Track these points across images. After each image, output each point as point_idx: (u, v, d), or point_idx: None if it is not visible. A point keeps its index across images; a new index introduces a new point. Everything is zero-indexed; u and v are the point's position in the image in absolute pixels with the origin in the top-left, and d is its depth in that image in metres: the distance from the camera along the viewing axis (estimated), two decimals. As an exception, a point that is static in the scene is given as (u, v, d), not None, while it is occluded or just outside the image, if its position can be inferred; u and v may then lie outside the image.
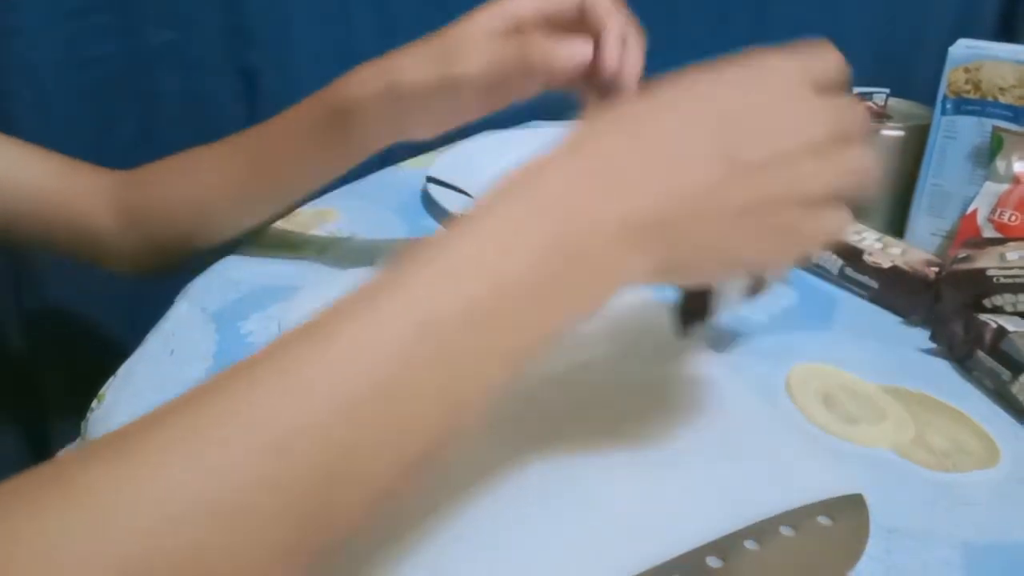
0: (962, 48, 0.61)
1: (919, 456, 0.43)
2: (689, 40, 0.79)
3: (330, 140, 0.54)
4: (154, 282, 0.62)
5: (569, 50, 0.48)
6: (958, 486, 0.41)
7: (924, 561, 0.37)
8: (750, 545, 0.35)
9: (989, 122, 0.60)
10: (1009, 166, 0.59)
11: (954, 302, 0.52)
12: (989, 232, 0.57)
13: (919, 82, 0.71)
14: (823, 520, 0.37)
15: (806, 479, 0.39)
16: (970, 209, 0.59)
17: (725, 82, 0.34)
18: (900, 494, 0.40)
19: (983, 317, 0.49)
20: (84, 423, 0.48)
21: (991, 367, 0.48)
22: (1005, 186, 0.58)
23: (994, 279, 0.51)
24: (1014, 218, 0.57)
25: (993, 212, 0.58)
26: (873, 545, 0.37)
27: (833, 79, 0.34)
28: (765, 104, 0.33)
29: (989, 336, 0.48)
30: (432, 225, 0.70)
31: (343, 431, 0.26)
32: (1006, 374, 0.47)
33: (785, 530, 0.36)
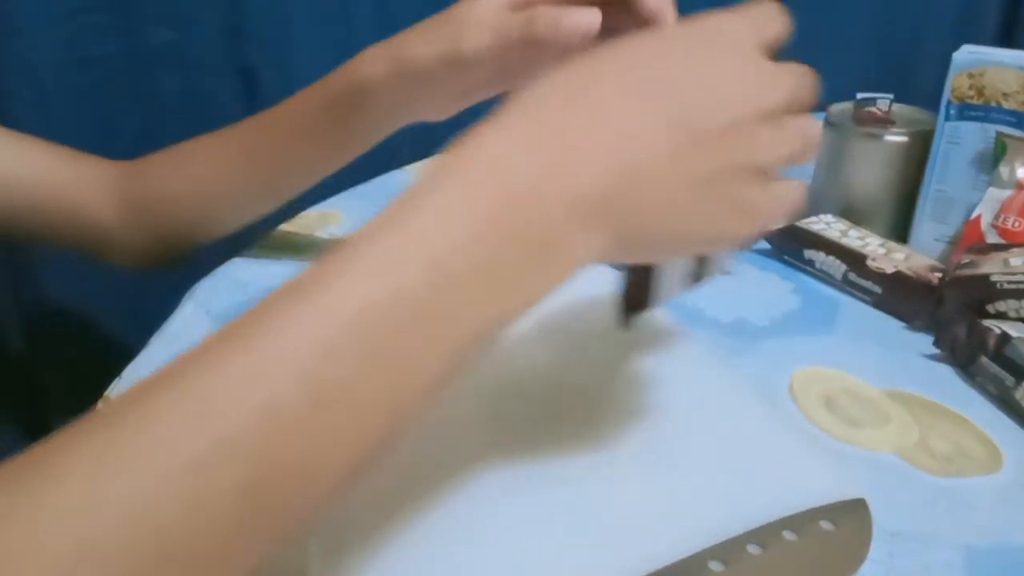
0: (966, 54, 0.61)
1: (922, 460, 0.43)
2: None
3: (339, 123, 0.53)
4: (155, 281, 0.62)
5: (575, 18, 0.46)
6: (961, 490, 0.41)
7: (926, 564, 0.37)
8: (752, 549, 0.35)
9: (993, 128, 0.60)
10: (1013, 172, 0.59)
11: (957, 307, 0.52)
12: (993, 238, 0.57)
13: (923, 88, 0.71)
14: (825, 525, 0.36)
15: (808, 483, 0.39)
16: (974, 215, 0.59)
17: (673, 46, 0.32)
18: (903, 498, 0.40)
19: (987, 323, 0.49)
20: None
21: (994, 372, 0.48)
22: (1009, 192, 0.58)
23: (998, 285, 0.51)
24: (1018, 224, 0.57)
25: (997, 218, 0.58)
26: (875, 548, 0.36)
27: (781, 42, 0.32)
28: (717, 70, 0.31)
29: (993, 341, 0.48)
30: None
31: (271, 442, 0.24)
32: (1010, 380, 0.47)
33: (787, 534, 0.36)
